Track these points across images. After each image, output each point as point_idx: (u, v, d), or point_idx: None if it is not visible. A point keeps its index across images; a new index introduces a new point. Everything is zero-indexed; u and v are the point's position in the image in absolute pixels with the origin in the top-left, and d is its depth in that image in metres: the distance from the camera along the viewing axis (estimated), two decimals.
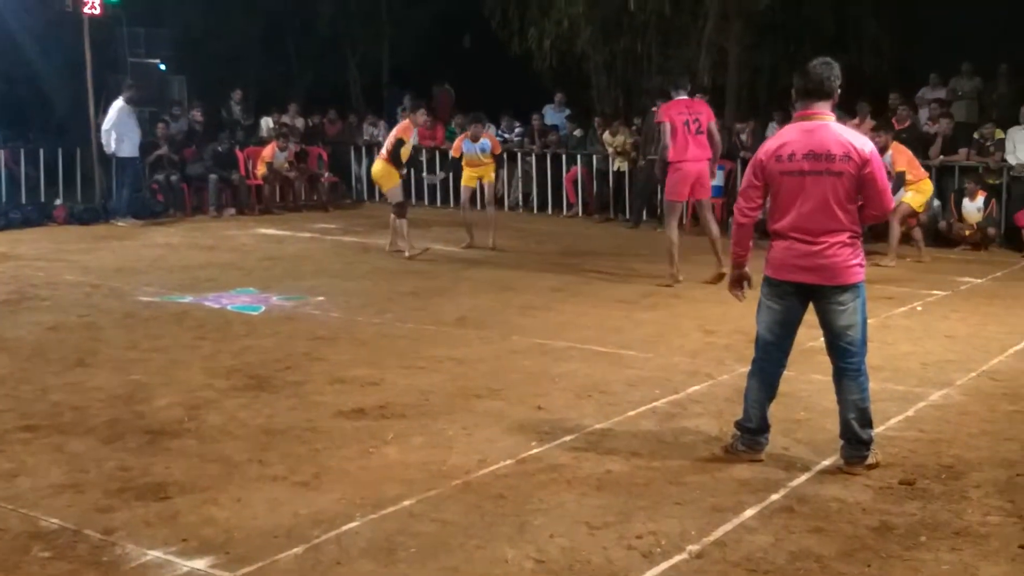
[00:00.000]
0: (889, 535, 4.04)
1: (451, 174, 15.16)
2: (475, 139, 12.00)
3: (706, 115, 9.68)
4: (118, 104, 14.01)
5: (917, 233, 11.74)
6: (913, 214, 11.56)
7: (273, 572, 3.68)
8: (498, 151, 12.27)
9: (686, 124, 9.44)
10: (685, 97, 9.70)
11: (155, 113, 16.50)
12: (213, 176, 15.32)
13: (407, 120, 11.70)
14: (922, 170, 11.57)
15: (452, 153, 12.53)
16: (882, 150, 11.28)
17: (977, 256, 11.93)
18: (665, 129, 9.48)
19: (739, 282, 5.01)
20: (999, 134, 13.12)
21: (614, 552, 3.85)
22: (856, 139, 4.67)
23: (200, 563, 3.74)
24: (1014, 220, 12.41)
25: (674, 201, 9.75)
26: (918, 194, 11.39)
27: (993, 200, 12.49)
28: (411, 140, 11.57)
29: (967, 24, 16.87)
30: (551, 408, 5.69)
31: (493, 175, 12.60)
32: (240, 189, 15.73)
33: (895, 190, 11.20)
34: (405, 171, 11.97)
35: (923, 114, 14.38)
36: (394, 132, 11.63)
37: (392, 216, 11.61)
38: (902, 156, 11.31)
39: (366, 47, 21.91)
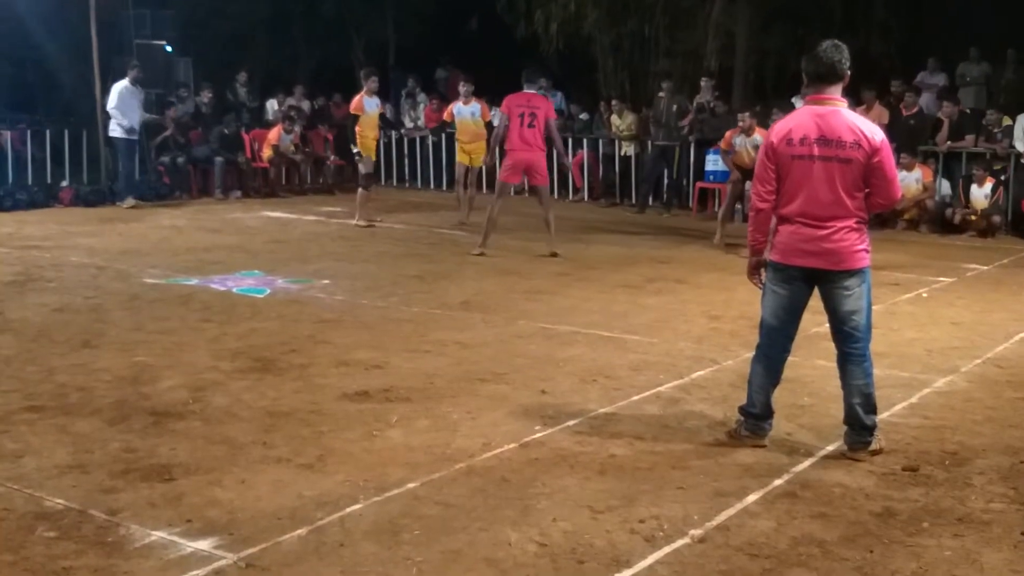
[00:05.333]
0: (892, 521, 4.05)
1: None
2: (465, 100, 12.25)
3: (543, 111, 10.29)
4: (121, 84, 13.92)
5: None
6: None
7: (277, 553, 3.69)
8: (487, 118, 12.35)
9: (520, 116, 10.09)
10: (532, 92, 10.36)
11: (161, 95, 16.46)
12: (219, 159, 15.34)
13: (360, 93, 12.19)
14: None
15: (444, 117, 12.79)
16: (748, 131, 10.92)
17: (983, 243, 11.92)
18: (503, 119, 10.22)
19: (757, 269, 4.89)
20: (1006, 120, 13.05)
21: (617, 536, 3.86)
22: (867, 127, 4.63)
23: (204, 544, 3.75)
24: (1021, 207, 12.38)
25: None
26: None
27: (1000, 187, 12.45)
28: (368, 110, 12.07)
29: (975, 9, 16.79)
30: (555, 392, 5.70)
31: (480, 160, 12.45)
32: (246, 172, 15.75)
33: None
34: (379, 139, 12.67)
35: (924, 98, 14.29)
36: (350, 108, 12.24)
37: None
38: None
39: (371, 29, 21.85)
